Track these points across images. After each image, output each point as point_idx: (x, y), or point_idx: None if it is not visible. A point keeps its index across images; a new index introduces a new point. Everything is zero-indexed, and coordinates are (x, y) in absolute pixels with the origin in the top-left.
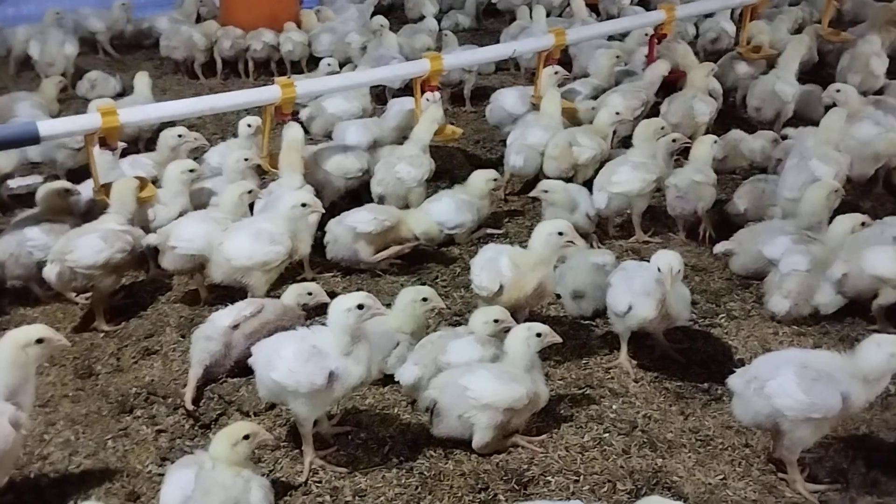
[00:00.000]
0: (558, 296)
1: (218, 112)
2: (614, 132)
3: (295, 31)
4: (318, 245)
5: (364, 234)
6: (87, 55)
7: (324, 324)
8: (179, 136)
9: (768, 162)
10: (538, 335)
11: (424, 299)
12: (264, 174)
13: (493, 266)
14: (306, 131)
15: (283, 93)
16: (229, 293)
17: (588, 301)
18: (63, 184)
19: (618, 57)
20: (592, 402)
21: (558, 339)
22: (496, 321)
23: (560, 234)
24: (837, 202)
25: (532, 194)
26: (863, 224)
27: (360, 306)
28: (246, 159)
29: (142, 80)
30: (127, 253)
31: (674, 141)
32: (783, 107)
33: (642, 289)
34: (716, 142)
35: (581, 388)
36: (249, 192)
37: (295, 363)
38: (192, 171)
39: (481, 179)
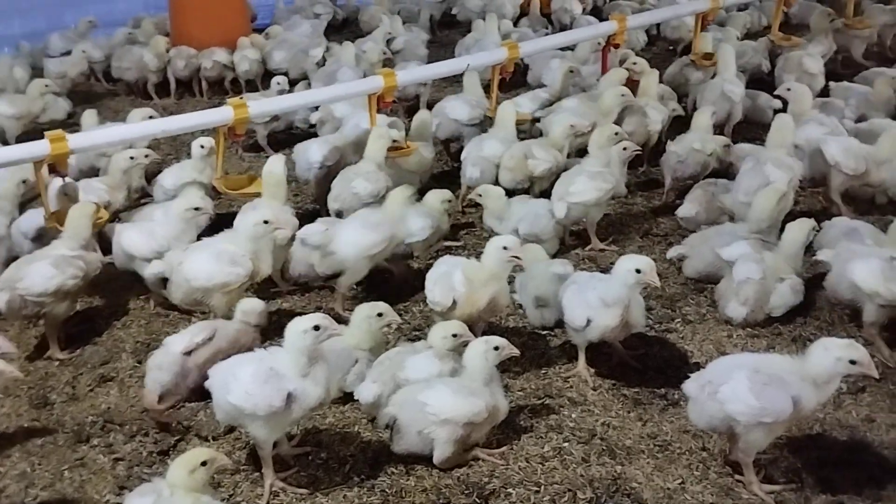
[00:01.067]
0: (520, 306)
1: (170, 135)
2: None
3: (249, 48)
4: None
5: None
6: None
7: (281, 345)
8: (131, 157)
9: (721, 166)
10: (496, 348)
11: (380, 315)
12: (218, 196)
13: (446, 281)
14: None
15: (236, 113)
16: None
17: (551, 311)
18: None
19: (571, 71)
20: (552, 411)
21: (516, 352)
22: (454, 336)
23: (504, 248)
24: (788, 207)
25: (469, 196)
26: (814, 229)
27: (317, 327)
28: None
29: (90, 119)
30: (79, 279)
31: (624, 149)
32: (732, 108)
33: (599, 300)
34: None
35: (540, 398)
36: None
37: (252, 385)
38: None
39: (436, 200)
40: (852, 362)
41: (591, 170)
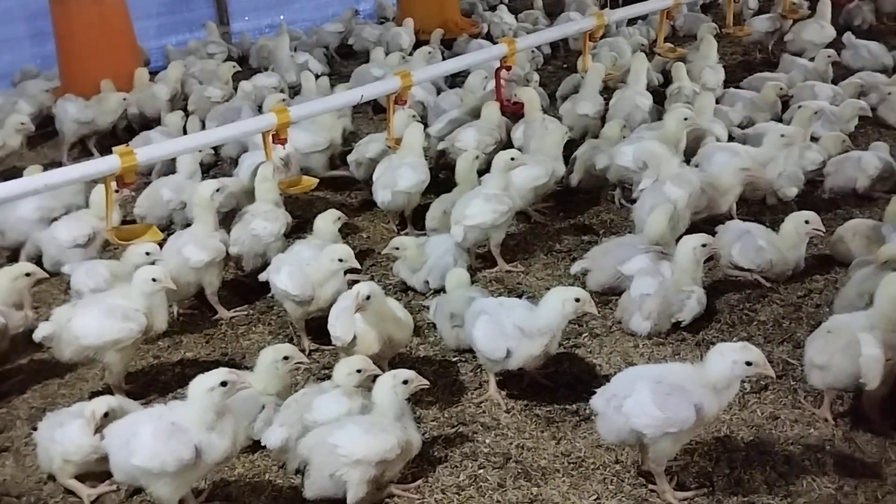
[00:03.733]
0: (433, 326)
1: (54, 189)
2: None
3: (137, 92)
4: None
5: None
6: None
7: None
8: None
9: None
10: (405, 382)
11: (286, 358)
12: (111, 247)
13: (347, 316)
14: None
15: (123, 161)
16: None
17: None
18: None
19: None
20: (466, 439)
21: (425, 384)
22: (359, 371)
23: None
24: (686, 221)
25: (385, 251)
26: (704, 245)
27: (224, 383)
28: None
29: None
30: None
31: (512, 159)
32: (644, 118)
33: (518, 330)
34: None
35: (453, 426)
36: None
37: (155, 443)
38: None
39: (328, 221)
40: (748, 364)
41: (488, 192)
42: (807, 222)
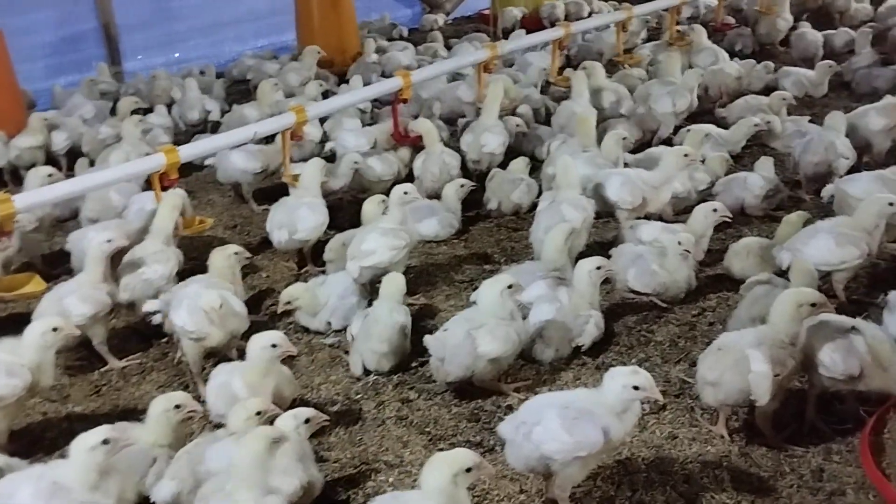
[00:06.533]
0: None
1: None
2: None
3: (23, 135)
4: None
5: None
6: None
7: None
8: None
9: None
10: (306, 421)
11: (177, 406)
12: None
13: (226, 391)
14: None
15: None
16: None
17: (388, 357)
18: None
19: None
20: (368, 479)
21: (325, 418)
22: (259, 413)
23: (273, 345)
24: (581, 244)
25: (279, 310)
26: (598, 268)
27: (106, 441)
28: None
29: None
30: None
31: (406, 193)
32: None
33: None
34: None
35: (356, 466)
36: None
37: None
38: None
39: (223, 256)
40: (635, 388)
41: (385, 226)
42: (714, 210)
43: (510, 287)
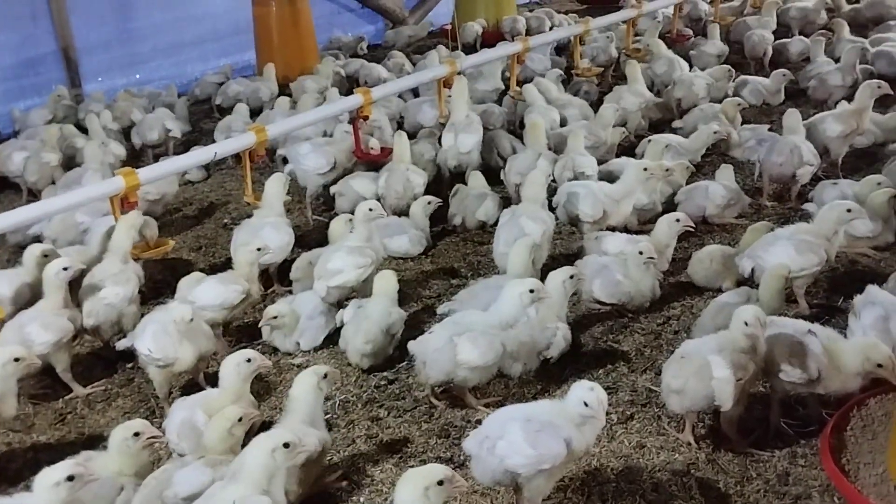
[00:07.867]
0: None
1: None
2: None
3: None
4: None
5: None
6: None
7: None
8: None
9: None
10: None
11: (136, 434)
12: None
13: (189, 429)
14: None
15: None
16: None
17: (371, 357)
18: None
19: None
20: (339, 499)
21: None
22: (240, 420)
23: (248, 360)
24: (544, 257)
25: (262, 325)
26: (571, 277)
27: (71, 477)
28: None
29: None
30: None
31: (370, 210)
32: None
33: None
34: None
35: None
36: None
37: None
38: None
39: (190, 282)
40: (585, 404)
41: (351, 245)
42: (678, 220)
43: (532, 291)
